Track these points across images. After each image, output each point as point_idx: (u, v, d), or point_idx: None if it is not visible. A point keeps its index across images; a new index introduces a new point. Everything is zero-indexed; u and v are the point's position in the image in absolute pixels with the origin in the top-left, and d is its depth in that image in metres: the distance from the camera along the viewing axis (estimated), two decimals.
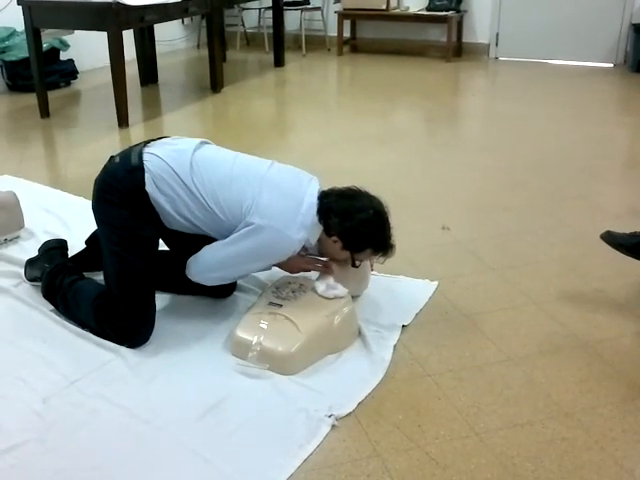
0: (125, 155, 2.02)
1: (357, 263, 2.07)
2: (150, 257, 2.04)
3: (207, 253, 2.00)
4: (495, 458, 1.61)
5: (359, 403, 1.78)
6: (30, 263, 2.35)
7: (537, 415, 1.75)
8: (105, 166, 2.05)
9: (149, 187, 1.94)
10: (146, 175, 1.94)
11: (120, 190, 1.96)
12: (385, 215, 2.01)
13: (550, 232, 2.84)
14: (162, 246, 2.25)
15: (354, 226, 1.95)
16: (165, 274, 2.25)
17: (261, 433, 1.68)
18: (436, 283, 2.40)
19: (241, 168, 2.00)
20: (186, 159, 1.97)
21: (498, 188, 3.37)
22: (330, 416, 1.71)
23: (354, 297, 2.20)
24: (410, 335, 2.10)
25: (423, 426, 1.71)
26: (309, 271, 2.15)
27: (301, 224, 1.92)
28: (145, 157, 1.97)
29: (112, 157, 2.06)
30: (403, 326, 2.13)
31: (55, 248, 2.36)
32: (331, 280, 2.06)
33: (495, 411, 1.77)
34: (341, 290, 2.05)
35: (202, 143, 2.08)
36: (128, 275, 1.99)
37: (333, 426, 1.69)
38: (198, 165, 1.97)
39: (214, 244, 1.99)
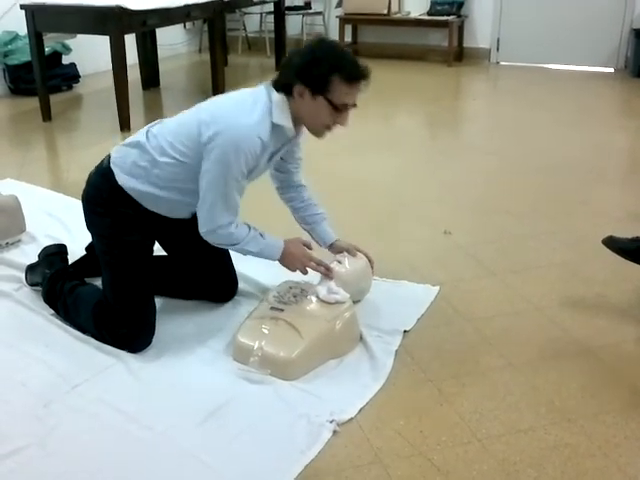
0: (99, 164, 2.08)
1: (343, 111, 1.99)
2: (142, 263, 2.04)
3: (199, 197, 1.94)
4: (497, 464, 1.60)
5: (360, 409, 1.78)
6: (30, 269, 2.35)
7: (539, 421, 1.74)
8: (86, 180, 2.09)
9: (120, 179, 1.97)
10: (115, 170, 1.98)
11: (102, 197, 2.01)
12: (330, 39, 1.95)
13: (552, 237, 2.84)
14: (160, 251, 2.26)
15: (306, 59, 1.87)
16: (165, 279, 2.25)
17: (262, 438, 1.67)
18: (438, 288, 2.40)
19: (186, 115, 2.03)
20: (142, 134, 2.02)
21: (500, 192, 3.37)
22: (331, 422, 1.71)
23: (355, 302, 2.19)
24: (412, 340, 2.10)
25: (425, 432, 1.71)
26: (306, 273, 2.11)
27: (252, 106, 1.88)
28: (112, 155, 2.03)
29: (91, 171, 2.10)
30: (405, 331, 2.13)
31: (55, 254, 2.36)
32: (332, 285, 2.06)
33: (497, 417, 1.76)
34: (342, 295, 2.04)
35: (160, 121, 2.10)
36: (122, 283, 2.00)
37: (334, 432, 1.69)
38: (154, 135, 2.00)
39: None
